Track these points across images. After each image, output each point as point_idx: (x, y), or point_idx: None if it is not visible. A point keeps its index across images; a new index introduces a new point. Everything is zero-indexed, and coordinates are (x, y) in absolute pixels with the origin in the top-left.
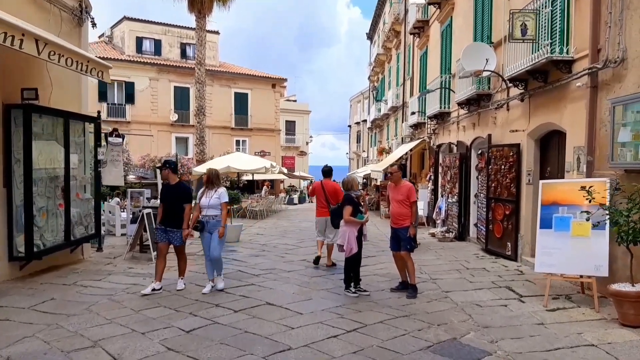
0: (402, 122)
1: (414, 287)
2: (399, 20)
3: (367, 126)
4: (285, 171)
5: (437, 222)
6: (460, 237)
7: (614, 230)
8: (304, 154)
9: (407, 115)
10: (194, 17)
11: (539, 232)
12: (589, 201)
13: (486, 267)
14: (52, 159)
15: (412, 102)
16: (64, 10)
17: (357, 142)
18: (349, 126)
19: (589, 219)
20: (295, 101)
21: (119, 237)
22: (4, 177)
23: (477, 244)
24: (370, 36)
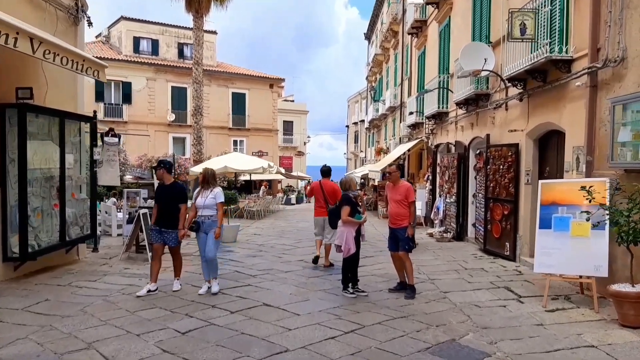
0: (400, 122)
1: (412, 288)
2: (397, 20)
3: (364, 126)
4: (282, 171)
5: (435, 222)
6: (458, 237)
7: (614, 230)
8: (301, 154)
9: (405, 115)
10: (191, 17)
11: (538, 232)
12: (589, 201)
13: (484, 268)
14: (47, 159)
15: (410, 102)
16: (60, 8)
17: (355, 143)
18: (347, 126)
19: (589, 219)
20: (293, 101)
21: (115, 237)
22: None
23: (475, 244)
24: (368, 36)
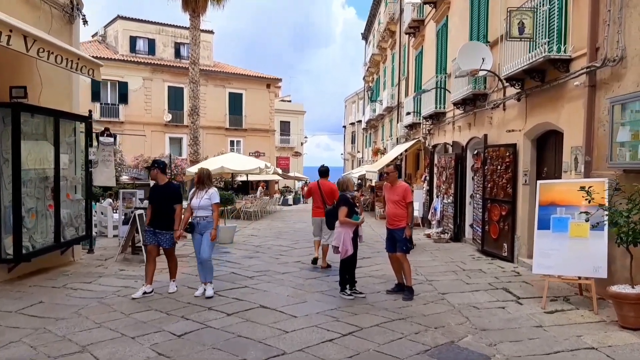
0: (397, 122)
1: (410, 289)
2: (394, 20)
3: (362, 127)
4: (279, 172)
5: (432, 223)
6: (455, 238)
7: (613, 231)
8: (298, 154)
9: (402, 115)
10: (188, 16)
11: (537, 233)
12: (588, 202)
13: (482, 269)
14: (41, 159)
15: (407, 103)
16: (55, 7)
17: (352, 143)
18: (344, 127)
19: (588, 220)
20: (290, 101)
21: (111, 238)
22: None
23: (472, 245)
24: (365, 36)
